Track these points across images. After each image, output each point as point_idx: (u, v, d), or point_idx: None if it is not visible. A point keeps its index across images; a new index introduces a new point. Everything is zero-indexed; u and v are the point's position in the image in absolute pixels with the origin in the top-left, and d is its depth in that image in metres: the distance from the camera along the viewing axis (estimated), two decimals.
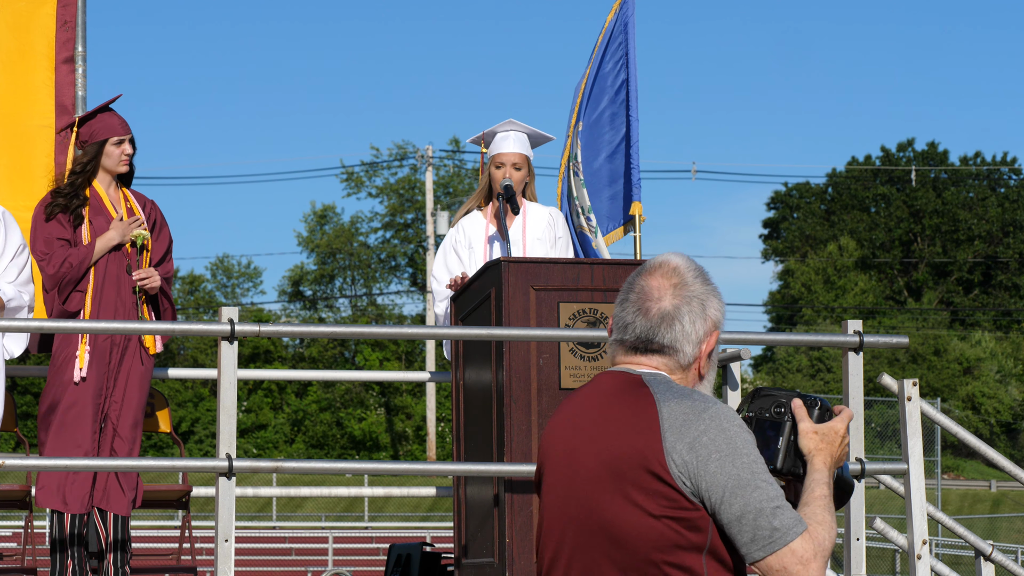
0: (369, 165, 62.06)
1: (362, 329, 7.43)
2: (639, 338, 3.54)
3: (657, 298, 3.53)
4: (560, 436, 3.54)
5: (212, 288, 62.57)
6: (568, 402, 3.60)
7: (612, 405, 3.47)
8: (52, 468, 7.17)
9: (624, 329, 3.55)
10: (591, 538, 3.42)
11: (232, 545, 6.60)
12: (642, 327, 3.53)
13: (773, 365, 61.60)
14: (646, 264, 3.62)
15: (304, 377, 9.34)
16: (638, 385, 3.48)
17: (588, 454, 3.45)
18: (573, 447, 3.49)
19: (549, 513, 3.52)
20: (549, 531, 3.50)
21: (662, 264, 3.58)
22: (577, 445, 3.48)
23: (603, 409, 3.48)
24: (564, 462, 3.49)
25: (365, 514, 43.98)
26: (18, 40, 8.43)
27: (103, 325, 7.13)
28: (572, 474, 3.47)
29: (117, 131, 7.79)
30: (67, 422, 7.51)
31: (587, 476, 3.44)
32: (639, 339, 3.54)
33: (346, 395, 56.87)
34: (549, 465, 3.54)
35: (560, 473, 3.50)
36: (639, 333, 3.53)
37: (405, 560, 8.21)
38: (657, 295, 3.53)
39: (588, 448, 3.45)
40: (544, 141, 8.29)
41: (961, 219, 64.64)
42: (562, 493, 3.48)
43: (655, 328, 3.52)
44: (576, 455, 3.47)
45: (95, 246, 7.63)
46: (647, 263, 3.62)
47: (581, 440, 3.48)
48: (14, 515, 35.65)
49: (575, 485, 3.45)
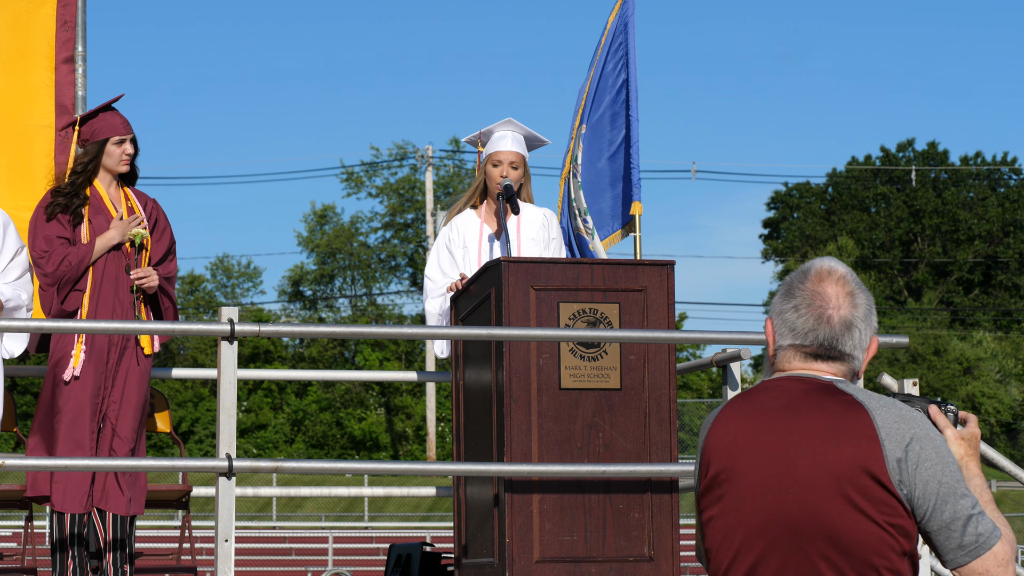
0: (369, 165, 62.10)
1: (362, 329, 7.43)
2: (821, 345, 3.59)
3: (836, 306, 3.59)
4: (755, 441, 3.55)
5: (212, 288, 62.61)
6: (747, 405, 3.61)
7: (814, 410, 3.52)
8: (52, 468, 7.17)
9: (804, 335, 3.60)
10: (808, 542, 3.46)
11: (232, 545, 6.60)
12: (825, 334, 3.59)
13: None
14: (811, 270, 3.65)
15: (304, 377, 9.33)
16: (833, 391, 3.54)
17: (805, 460, 3.48)
18: (782, 453, 3.51)
19: (748, 517, 3.52)
20: (750, 535, 3.51)
21: (831, 271, 3.63)
22: (788, 451, 3.50)
23: (807, 414, 3.52)
24: (771, 467, 3.51)
25: (365, 514, 43.99)
26: (18, 40, 8.43)
27: (102, 325, 7.13)
28: (786, 479, 3.49)
29: (118, 130, 7.80)
30: (64, 422, 7.50)
31: (807, 482, 3.47)
32: (821, 346, 3.59)
33: (346, 395, 56.87)
34: (741, 470, 3.54)
35: (765, 478, 3.52)
36: (822, 340, 3.59)
37: (405, 560, 8.21)
38: (836, 303, 3.60)
39: (804, 454, 3.49)
40: (540, 145, 8.28)
41: (961, 219, 64.65)
42: (771, 498, 3.50)
43: (838, 336, 3.59)
44: (789, 461, 3.50)
45: (95, 245, 7.63)
46: (811, 269, 3.65)
47: (792, 446, 3.50)
48: (14, 515, 35.66)
49: (791, 490, 3.48)
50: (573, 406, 6.87)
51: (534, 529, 6.80)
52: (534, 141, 8.22)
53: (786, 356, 3.62)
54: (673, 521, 6.93)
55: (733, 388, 7.80)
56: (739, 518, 3.54)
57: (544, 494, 6.82)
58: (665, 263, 7.02)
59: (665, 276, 7.01)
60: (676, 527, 6.94)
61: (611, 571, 6.84)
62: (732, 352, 7.75)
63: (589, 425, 6.88)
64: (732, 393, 7.79)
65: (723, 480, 3.57)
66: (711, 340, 7.64)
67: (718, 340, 7.60)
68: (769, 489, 3.50)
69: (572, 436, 6.86)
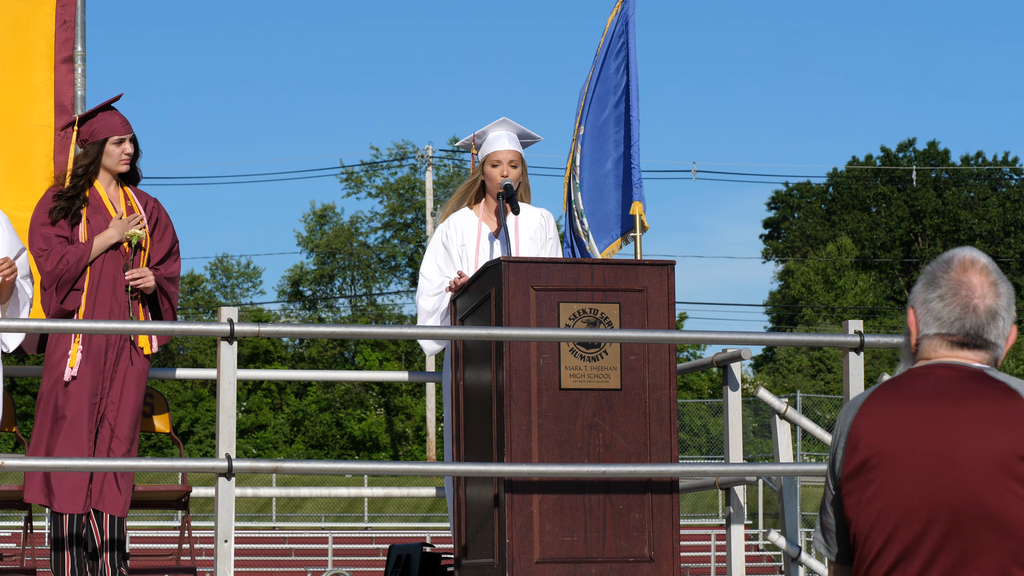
0: (369, 165, 62.11)
1: (362, 329, 7.41)
2: (968, 333, 3.66)
3: (981, 295, 3.67)
4: (910, 426, 3.61)
5: (212, 288, 62.61)
6: (898, 392, 3.67)
7: (970, 396, 3.59)
8: (52, 468, 7.16)
9: (951, 324, 3.67)
10: (967, 525, 3.52)
11: (232, 545, 6.59)
12: (972, 323, 3.66)
13: (774, 365, 61.62)
14: (954, 260, 3.72)
15: (304, 377, 9.32)
16: (985, 378, 3.61)
17: (964, 445, 3.54)
18: (940, 437, 3.57)
19: (903, 500, 3.59)
20: (906, 517, 3.58)
21: (974, 261, 3.70)
22: (945, 435, 3.56)
23: (964, 400, 3.59)
24: (928, 452, 3.57)
25: (365, 514, 43.99)
26: (17, 40, 8.43)
27: (101, 325, 7.12)
28: (944, 463, 3.55)
29: (118, 130, 7.79)
30: (62, 422, 7.50)
31: (966, 466, 3.53)
32: (968, 335, 3.66)
33: (346, 395, 56.87)
34: (895, 454, 3.61)
35: (922, 462, 3.57)
36: (968, 329, 3.66)
37: (405, 560, 8.20)
38: (980, 292, 3.67)
39: (963, 439, 3.55)
40: (533, 141, 8.29)
41: (962, 219, 64.67)
42: (928, 482, 3.56)
43: (985, 325, 3.66)
44: (947, 445, 3.56)
45: (93, 244, 7.62)
46: (954, 259, 3.72)
47: (949, 431, 3.56)
48: (14, 515, 35.65)
49: (950, 474, 3.54)
50: (573, 406, 6.86)
51: (534, 529, 6.79)
52: (527, 138, 8.23)
53: (931, 344, 3.70)
54: (673, 521, 6.92)
55: (733, 388, 7.79)
56: (893, 501, 3.61)
57: (544, 494, 6.82)
58: (665, 263, 7.02)
59: (665, 276, 7.00)
60: (676, 527, 6.93)
61: (611, 571, 6.84)
62: (732, 352, 7.74)
63: (589, 425, 6.87)
64: (732, 393, 7.79)
65: (875, 464, 3.63)
66: (711, 340, 7.63)
67: (718, 340, 7.59)
68: (926, 473, 3.57)
69: (572, 436, 6.86)
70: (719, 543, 35.44)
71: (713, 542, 35.83)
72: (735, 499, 7.78)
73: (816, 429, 8.26)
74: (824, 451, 44.10)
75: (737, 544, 7.80)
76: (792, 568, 7.81)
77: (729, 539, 7.80)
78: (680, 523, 6.99)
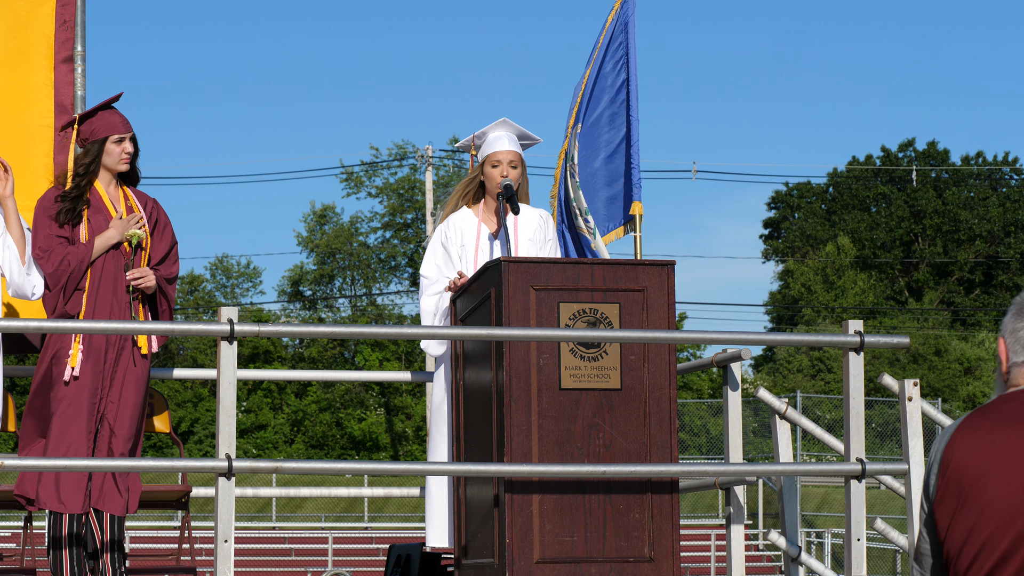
0: (369, 165, 62.10)
1: (362, 329, 7.42)
2: None
3: None
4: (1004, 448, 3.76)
5: (211, 288, 62.59)
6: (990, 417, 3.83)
7: None
8: (52, 468, 7.15)
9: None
10: None
11: (232, 545, 6.59)
12: None
13: (774, 365, 61.61)
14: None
15: (304, 377, 9.33)
16: None
17: None
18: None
19: (993, 519, 3.72)
20: (995, 534, 3.72)
21: None
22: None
23: None
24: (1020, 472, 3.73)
25: (365, 514, 43.99)
26: (17, 40, 8.43)
27: (101, 325, 7.12)
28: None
29: (118, 129, 7.79)
30: (62, 422, 7.50)
31: None
32: None
33: (346, 395, 56.88)
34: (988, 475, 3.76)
35: (1013, 483, 3.74)
36: None
37: (405, 560, 8.20)
38: None
39: None
40: (533, 143, 8.29)
41: (962, 219, 64.66)
42: (1020, 502, 3.71)
43: None
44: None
45: (94, 244, 7.63)
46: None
47: None
48: (13, 515, 35.66)
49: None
50: (573, 406, 6.87)
51: (534, 529, 6.79)
52: (527, 139, 8.24)
53: (1021, 372, 3.88)
54: (673, 521, 6.93)
55: (733, 388, 7.80)
56: (983, 519, 3.74)
57: (544, 494, 6.82)
58: (665, 263, 7.02)
59: (665, 276, 7.00)
60: (676, 527, 6.94)
61: (611, 571, 6.84)
62: (732, 352, 7.75)
63: (589, 425, 6.87)
64: (732, 393, 7.80)
65: (966, 485, 3.77)
66: (711, 340, 7.63)
67: (718, 340, 7.59)
68: (1016, 492, 3.71)
69: (572, 436, 6.86)
70: (719, 543, 35.45)
71: (713, 542, 35.84)
72: (735, 499, 7.78)
73: (816, 429, 8.27)
74: (824, 451, 44.13)
75: (737, 544, 7.80)
76: (792, 568, 7.81)
77: (729, 539, 7.81)
78: (680, 523, 6.99)
